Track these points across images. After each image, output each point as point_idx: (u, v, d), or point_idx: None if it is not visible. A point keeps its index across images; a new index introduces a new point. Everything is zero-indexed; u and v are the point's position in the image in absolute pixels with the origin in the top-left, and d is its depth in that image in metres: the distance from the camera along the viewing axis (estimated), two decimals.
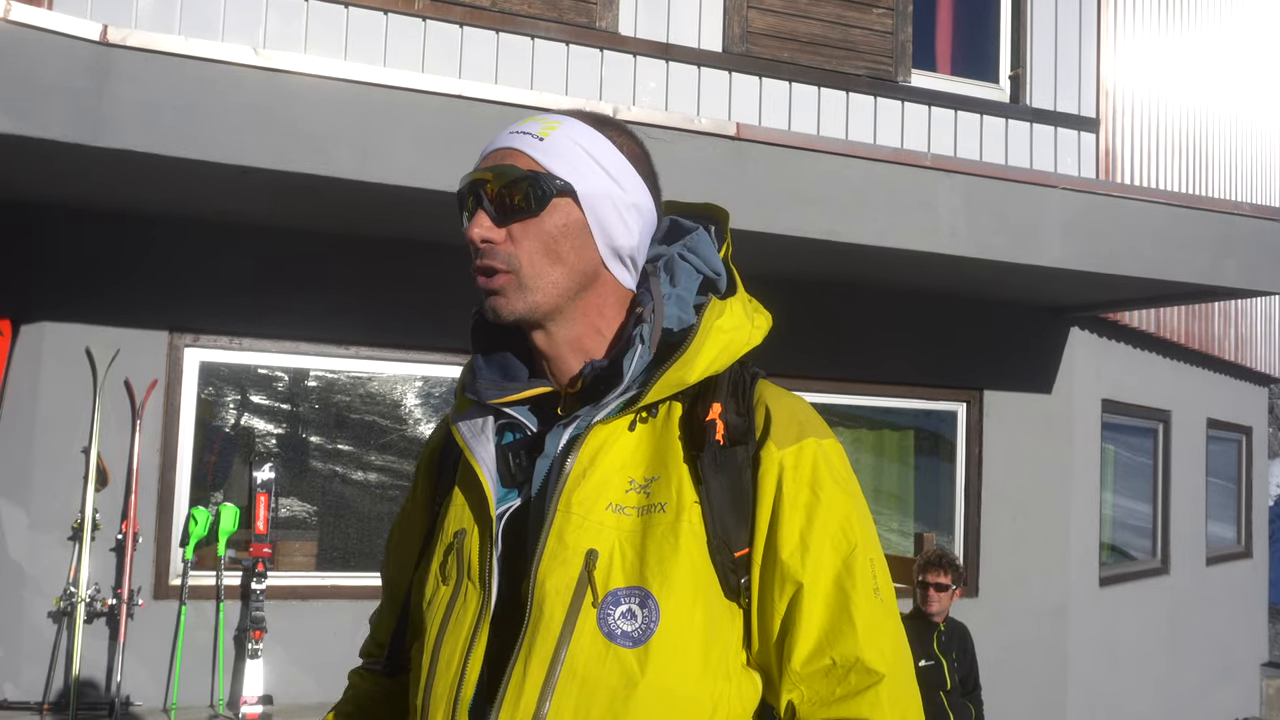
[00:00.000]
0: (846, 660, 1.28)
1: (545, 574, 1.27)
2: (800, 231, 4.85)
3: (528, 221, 1.34)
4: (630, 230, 1.40)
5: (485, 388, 1.40)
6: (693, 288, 1.43)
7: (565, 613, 1.26)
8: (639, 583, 1.27)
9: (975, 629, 5.53)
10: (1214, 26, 9.84)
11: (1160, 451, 8.92)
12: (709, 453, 1.31)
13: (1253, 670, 11.11)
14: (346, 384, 5.63)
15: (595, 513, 1.29)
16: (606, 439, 1.33)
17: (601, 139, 1.40)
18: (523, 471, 1.37)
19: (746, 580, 1.32)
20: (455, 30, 5.58)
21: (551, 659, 1.24)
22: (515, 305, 1.35)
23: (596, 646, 1.25)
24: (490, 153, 1.40)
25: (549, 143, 1.37)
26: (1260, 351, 10.90)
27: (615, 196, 1.38)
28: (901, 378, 6.78)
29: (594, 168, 1.37)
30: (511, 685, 1.25)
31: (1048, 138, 7.04)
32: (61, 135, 3.69)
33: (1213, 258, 5.74)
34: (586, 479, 1.30)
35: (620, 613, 1.26)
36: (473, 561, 1.35)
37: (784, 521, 1.31)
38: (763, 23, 6.27)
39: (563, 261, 1.35)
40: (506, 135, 1.41)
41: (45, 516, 4.90)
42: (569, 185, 1.35)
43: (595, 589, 1.26)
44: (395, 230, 5.24)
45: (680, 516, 1.29)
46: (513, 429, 1.41)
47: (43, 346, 4.93)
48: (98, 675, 4.92)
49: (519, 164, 1.35)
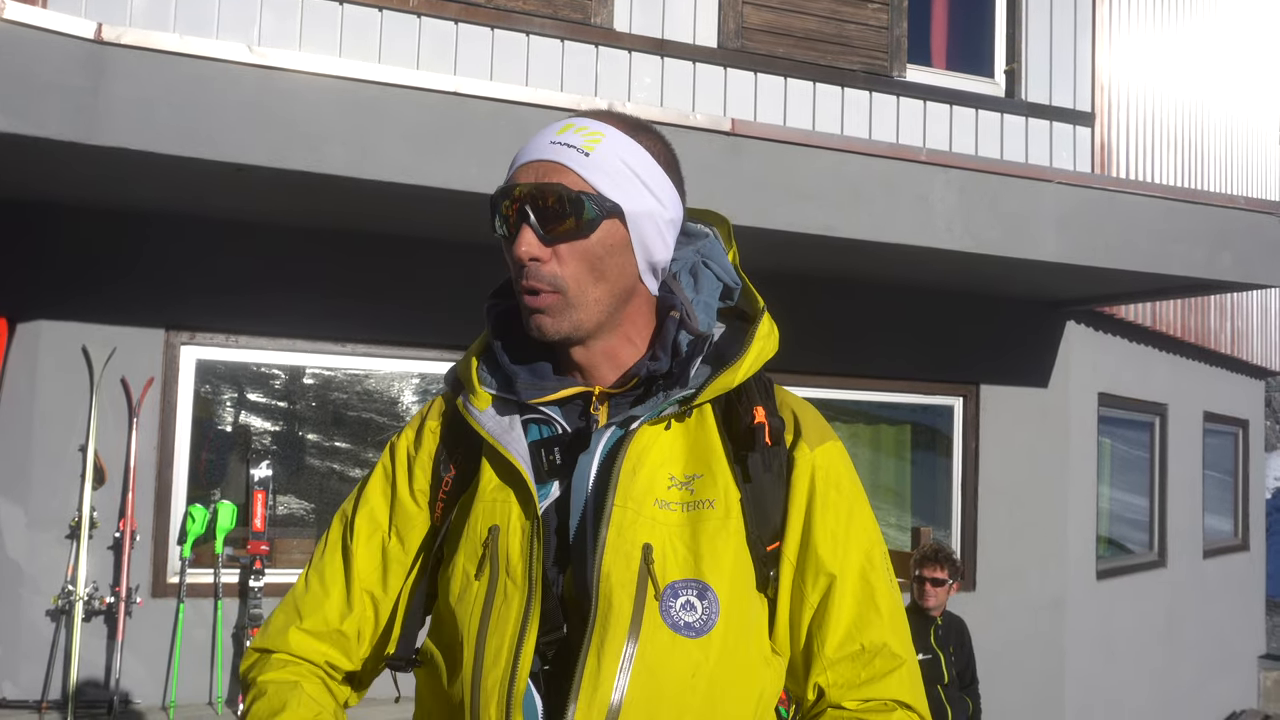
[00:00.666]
0: (874, 645, 1.38)
1: (609, 568, 1.30)
2: (796, 227, 4.85)
3: (576, 242, 1.35)
4: (667, 245, 1.43)
5: (525, 387, 1.41)
6: (716, 295, 1.50)
7: (632, 605, 1.28)
8: (696, 575, 1.32)
9: (972, 623, 5.54)
10: (1209, 20, 9.85)
11: (1157, 445, 8.94)
12: (758, 453, 1.38)
13: (1250, 663, 11.14)
14: (343, 381, 5.63)
15: (646, 508, 1.33)
16: (649, 438, 1.37)
17: (642, 152, 1.40)
18: (557, 468, 1.38)
19: (775, 573, 1.39)
20: (450, 27, 5.58)
21: (623, 651, 1.27)
22: (561, 325, 1.37)
23: (663, 637, 1.28)
24: (531, 163, 1.38)
25: (595, 159, 1.36)
26: (1256, 344, 10.91)
27: (657, 214, 1.40)
28: (898, 372, 6.79)
29: (639, 186, 1.38)
30: (586, 678, 1.26)
31: (1043, 132, 7.05)
32: (57, 133, 3.69)
33: (1208, 251, 5.75)
34: (637, 476, 1.34)
35: (680, 604, 1.30)
36: (512, 559, 1.35)
37: (817, 519, 1.40)
38: (758, 18, 6.27)
39: (606, 280, 1.37)
40: (547, 145, 1.38)
41: (43, 515, 4.90)
42: (618, 207, 1.36)
43: (656, 582, 1.30)
44: (391, 227, 5.24)
45: (729, 514, 1.35)
46: (537, 424, 1.43)
47: (39, 345, 4.93)
48: (96, 673, 4.92)
49: (567, 182, 1.34)
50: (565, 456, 1.38)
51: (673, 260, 1.50)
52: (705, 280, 1.49)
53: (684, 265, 1.52)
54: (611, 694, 1.25)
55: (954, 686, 5.20)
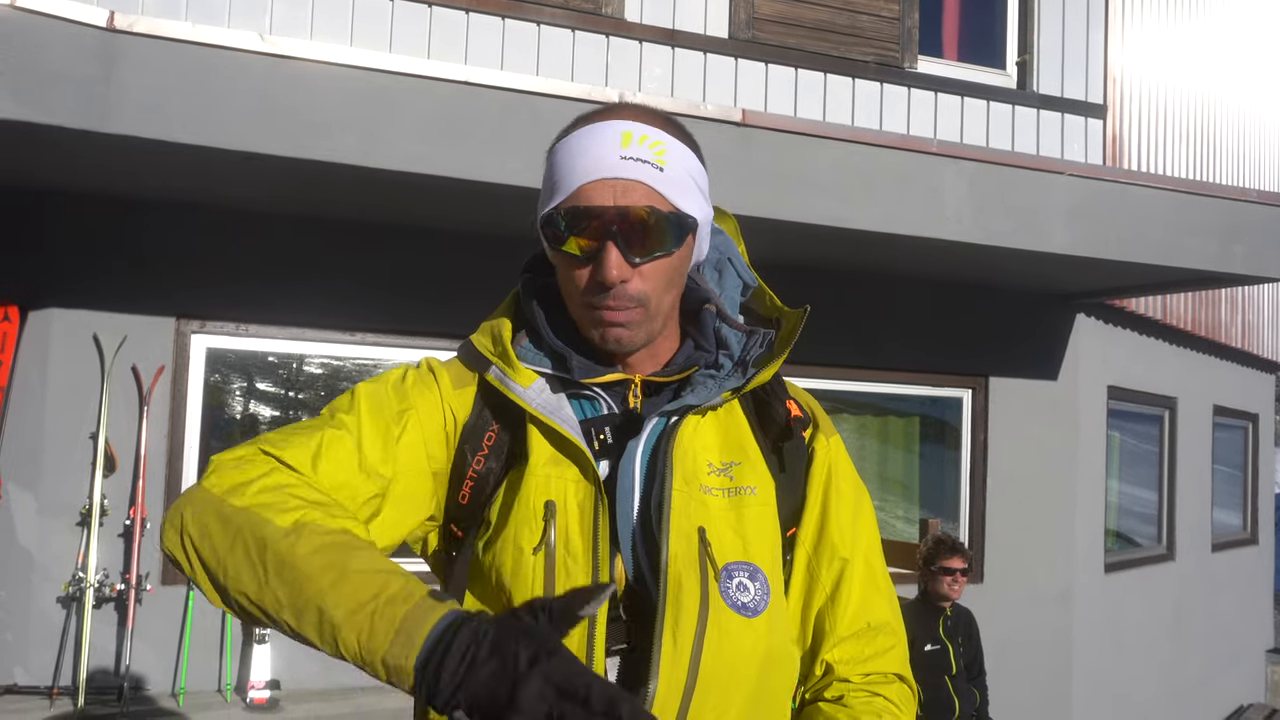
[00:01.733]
0: (879, 623, 1.46)
1: (676, 549, 1.31)
2: (806, 218, 4.85)
3: (661, 260, 1.35)
4: (707, 245, 1.48)
5: (580, 366, 1.41)
6: (738, 290, 1.55)
7: (699, 586, 1.31)
8: (745, 558, 1.36)
9: (980, 615, 5.54)
10: (1221, 12, 9.79)
11: (1166, 438, 8.92)
12: (794, 444, 1.46)
13: (1258, 656, 11.13)
14: (353, 370, 5.64)
15: (697, 493, 1.36)
16: (693, 425, 1.40)
17: (695, 160, 1.42)
18: (608, 448, 1.39)
19: (790, 556, 1.46)
20: (461, 16, 5.58)
21: (695, 630, 1.29)
22: (638, 337, 1.39)
23: (728, 617, 1.32)
24: (606, 181, 1.32)
25: (670, 175, 1.35)
26: (1267, 338, 10.88)
27: (708, 219, 1.46)
28: (907, 364, 6.78)
29: (701, 196, 1.41)
30: (665, 656, 1.28)
31: (1054, 124, 7.02)
32: (68, 122, 3.70)
33: (1220, 244, 5.73)
34: (686, 460, 1.37)
35: (735, 585, 1.34)
36: (571, 535, 1.32)
37: (833, 506, 1.48)
38: (769, 9, 6.26)
39: (676, 288, 1.41)
40: (618, 161, 1.33)
41: (54, 502, 4.92)
42: (695, 221, 1.39)
43: (715, 563, 1.33)
44: (401, 216, 5.24)
45: (768, 501, 1.41)
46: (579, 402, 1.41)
47: (50, 333, 4.94)
48: (106, 660, 4.95)
49: (654, 203, 1.33)
50: (616, 437, 1.39)
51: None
52: (729, 277, 1.54)
53: (708, 261, 1.54)
54: (687, 672, 1.28)
55: (962, 678, 5.20)
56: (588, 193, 1.33)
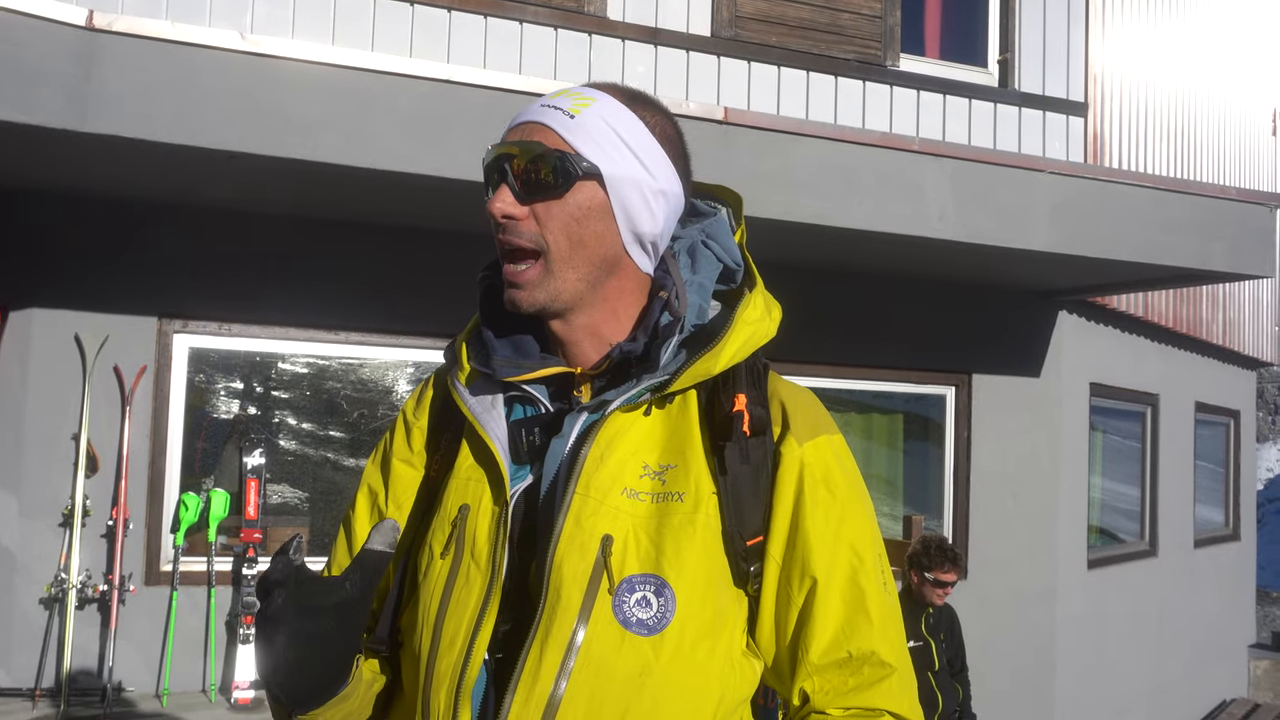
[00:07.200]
0: (863, 653, 1.32)
1: (562, 558, 1.25)
2: (788, 216, 4.85)
3: (551, 202, 1.31)
4: (655, 217, 1.37)
5: (501, 364, 1.36)
6: (713, 276, 1.44)
7: (582, 598, 1.24)
8: (655, 571, 1.26)
9: (964, 611, 5.56)
10: (1202, 10, 9.85)
11: (1148, 435, 8.97)
12: (735, 444, 1.32)
13: (1240, 652, 11.20)
14: (337, 369, 5.63)
15: (611, 497, 1.28)
16: (624, 423, 1.32)
17: (634, 119, 1.36)
18: (535, 450, 1.35)
19: (757, 568, 1.33)
20: (443, 15, 5.57)
21: (568, 644, 1.23)
22: (536, 296, 1.33)
23: (612, 633, 1.24)
24: (518, 125, 1.36)
25: (579, 121, 1.33)
26: (1248, 335, 10.94)
27: (643, 182, 1.35)
28: (890, 362, 6.80)
29: (623, 151, 1.34)
30: (527, 669, 1.23)
31: (1036, 122, 7.05)
32: (49, 121, 3.68)
33: (1200, 241, 5.76)
34: (604, 463, 1.29)
35: (635, 600, 1.25)
36: (479, 541, 1.32)
37: (805, 518, 1.33)
38: (751, 7, 6.27)
39: (585, 246, 1.32)
40: (537, 108, 1.36)
41: (35, 503, 4.90)
42: (595, 168, 1.32)
43: (611, 575, 1.25)
44: (384, 215, 5.24)
45: (698, 507, 1.30)
46: (521, 404, 1.39)
47: (31, 333, 4.92)
48: (89, 662, 4.93)
49: (546, 141, 1.31)
50: (544, 438, 1.35)
51: (675, 239, 1.46)
52: (703, 260, 1.44)
53: (684, 245, 1.47)
54: (551, 688, 1.22)
55: (944, 673, 5.23)
56: (504, 138, 1.37)
